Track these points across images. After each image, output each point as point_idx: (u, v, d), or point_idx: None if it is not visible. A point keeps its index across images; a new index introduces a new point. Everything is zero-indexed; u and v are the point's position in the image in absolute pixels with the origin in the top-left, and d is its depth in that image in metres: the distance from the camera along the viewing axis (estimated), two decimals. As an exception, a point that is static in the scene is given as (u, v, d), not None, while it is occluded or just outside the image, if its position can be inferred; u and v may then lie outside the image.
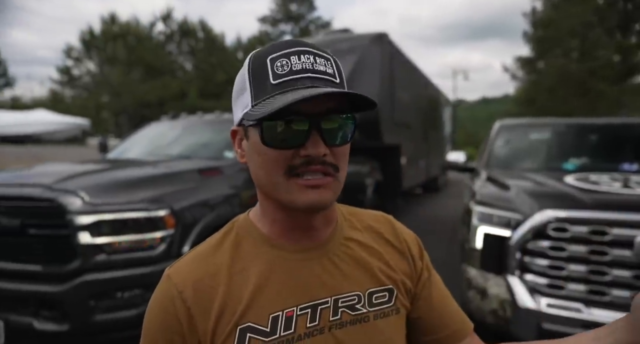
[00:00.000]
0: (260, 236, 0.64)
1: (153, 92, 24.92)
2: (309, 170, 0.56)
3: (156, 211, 2.32)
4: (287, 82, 0.55)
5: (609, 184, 2.42)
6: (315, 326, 0.60)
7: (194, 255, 0.64)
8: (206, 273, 0.61)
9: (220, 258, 0.62)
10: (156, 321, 0.59)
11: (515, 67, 26.83)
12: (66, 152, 10.93)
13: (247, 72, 0.59)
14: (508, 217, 2.27)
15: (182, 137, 3.76)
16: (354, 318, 0.62)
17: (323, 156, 0.56)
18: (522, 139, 3.73)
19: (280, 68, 0.56)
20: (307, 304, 0.60)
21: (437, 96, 11.81)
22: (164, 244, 2.31)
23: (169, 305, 0.59)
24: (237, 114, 0.62)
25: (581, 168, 3.13)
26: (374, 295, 0.65)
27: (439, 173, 11.60)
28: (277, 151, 0.56)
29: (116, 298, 2.26)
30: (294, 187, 0.57)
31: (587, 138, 3.55)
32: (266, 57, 0.57)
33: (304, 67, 0.56)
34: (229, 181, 2.96)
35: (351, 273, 0.64)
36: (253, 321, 0.58)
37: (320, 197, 0.56)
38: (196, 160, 3.21)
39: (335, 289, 0.62)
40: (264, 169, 0.58)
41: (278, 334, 0.58)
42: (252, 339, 0.57)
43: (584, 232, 2.06)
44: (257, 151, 0.59)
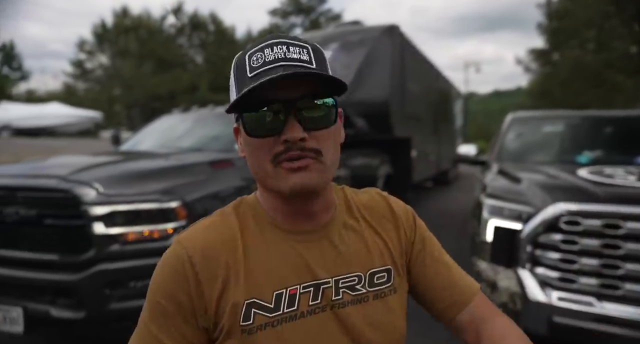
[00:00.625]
0: (267, 216, 0.67)
1: (164, 85, 25.11)
2: (289, 156, 0.58)
3: (168, 203, 2.35)
4: (260, 73, 0.57)
5: (623, 178, 2.38)
6: (318, 304, 0.62)
7: (203, 225, 0.67)
8: (215, 243, 0.63)
9: (229, 230, 0.65)
10: (166, 281, 0.61)
11: (529, 60, 26.38)
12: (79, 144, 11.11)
13: (232, 71, 0.63)
14: (519, 211, 2.26)
15: (193, 129, 3.79)
16: (354, 298, 0.64)
17: (301, 140, 0.57)
18: (535, 131, 3.68)
19: (255, 61, 0.59)
20: (310, 283, 0.62)
21: (448, 89, 11.68)
22: (175, 235, 2.35)
23: (179, 267, 0.61)
24: (231, 109, 0.64)
25: (595, 161, 3.09)
26: (375, 275, 0.67)
27: (449, 166, 11.52)
28: (260, 140, 0.59)
29: (130, 287, 2.30)
30: (280, 173, 0.59)
31: (602, 131, 3.49)
32: (246, 54, 0.61)
33: (276, 57, 0.58)
34: (240, 173, 2.98)
35: (351, 254, 0.67)
36: (258, 297, 0.60)
37: (303, 180, 0.58)
38: (207, 152, 3.24)
39: (336, 270, 0.65)
40: (254, 159, 0.61)
41: (281, 310, 0.60)
42: (256, 315, 0.59)
43: (597, 226, 2.04)
44: (246, 143, 0.62)
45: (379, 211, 0.74)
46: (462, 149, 3.91)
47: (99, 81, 27.60)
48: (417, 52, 7.78)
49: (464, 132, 16.08)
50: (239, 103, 0.58)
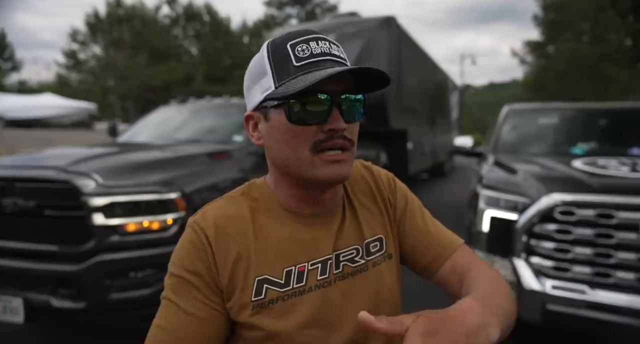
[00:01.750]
0: (276, 199, 0.70)
1: (159, 76, 24.87)
2: (333, 144, 0.61)
3: (167, 194, 2.36)
4: (309, 64, 0.60)
5: (617, 168, 2.42)
6: (325, 278, 0.66)
7: (214, 207, 0.70)
8: (226, 222, 0.66)
9: (240, 211, 0.68)
10: (186, 255, 0.64)
11: (525, 52, 26.39)
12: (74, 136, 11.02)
13: (266, 57, 0.63)
14: (515, 201, 2.29)
15: (191, 121, 3.78)
16: (354, 269, 0.69)
17: (343, 130, 0.61)
18: (530, 123, 3.71)
19: (302, 52, 0.61)
20: (317, 260, 0.67)
21: (444, 81, 11.68)
22: (175, 226, 2.36)
23: (196, 242, 0.64)
24: (254, 98, 0.66)
25: (589, 153, 3.12)
26: (370, 245, 0.72)
27: (445, 158, 11.57)
28: (303, 128, 0.61)
29: (130, 277, 2.32)
30: (318, 162, 0.62)
31: (596, 123, 3.52)
32: (286, 44, 0.62)
33: (323, 51, 0.61)
34: (238, 164, 3.00)
35: (348, 229, 0.71)
36: (269, 274, 0.64)
37: (341, 171, 0.62)
38: (205, 144, 3.24)
39: (337, 245, 0.69)
40: (290, 147, 0.63)
41: (291, 286, 0.64)
42: (268, 290, 0.63)
43: (591, 216, 2.08)
44: (281, 130, 0.63)
45: (365, 182, 0.78)
46: (458, 141, 3.94)
47: (92, 72, 27.29)
48: (414, 43, 7.76)
49: (460, 125, 16.12)
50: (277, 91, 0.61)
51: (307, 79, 0.58)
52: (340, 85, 0.61)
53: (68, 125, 14.32)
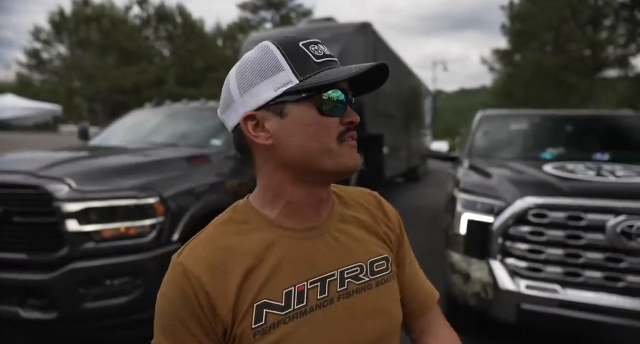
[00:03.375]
0: (265, 219, 0.67)
1: (129, 78, 24.21)
2: (352, 135, 0.66)
3: (145, 199, 2.30)
4: (326, 62, 0.64)
5: (584, 173, 2.54)
6: (325, 297, 0.64)
7: (201, 240, 0.65)
8: (218, 257, 0.62)
9: (228, 241, 0.64)
10: (177, 306, 0.60)
11: (493, 60, 27.35)
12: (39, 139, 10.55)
13: (279, 54, 0.63)
14: (491, 204, 2.37)
15: (167, 124, 3.70)
16: (359, 287, 0.67)
17: (357, 123, 0.67)
18: (503, 129, 3.85)
19: (316, 51, 0.64)
20: (316, 278, 0.64)
21: (418, 86, 11.94)
22: (154, 232, 2.31)
23: (187, 290, 0.60)
24: (263, 95, 0.63)
25: (558, 157, 3.27)
26: (374, 264, 0.70)
27: (419, 163, 11.80)
28: (331, 119, 0.63)
29: (106, 285, 2.25)
30: (345, 150, 0.65)
31: (563, 129, 3.70)
32: (297, 43, 0.64)
33: (327, 53, 0.66)
34: (217, 168, 2.96)
35: (351, 245, 0.69)
36: (268, 298, 0.61)
37: (359, 158, 0.67)
38: (182, 148, 3.18)
39: (340, 262, 0.67)
40: (317, 138, 0.62)
41: (292, 307, 0.61)
42: (268, 314, 0.60)
43: (562, 218, 2.18)
44: (307, 123, 0.62)
45: (370, 205, 0.78)
46: (434, 145, 4.03)
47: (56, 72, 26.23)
48: (389, 49, 7.90)
49: (433, 130, 16.50)
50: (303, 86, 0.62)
51: (337, 72, 0.61)
52: (346, 84, 0.66)
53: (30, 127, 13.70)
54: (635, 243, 2.07)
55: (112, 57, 25.49)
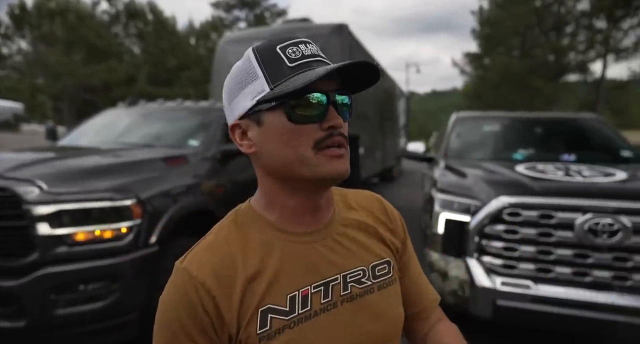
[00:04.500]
0: (267, 222, 0.66)
1: (97, 75, 23.39)
2: (333, 141, 0.61)
3: (122, 201, 2.24)
4: (303, 64, 0.60)
5: (553, 173, 2.66)
6: (329, 301, 0.64)
7: (204, 246, 0.65)
8: (222, 263, 0.62)
9: (231, 247, 0.64)
10: (183, 314, 0.59)
11: (464, 63, 28.13)
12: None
13: (255, 61, 0.62)
14: (468, 204, 2.44)
15: (142, 124, 3.61)
16: (362, 291, 0.67)
17: (341, 127, 0.62)
18: (476, 130, 3.97)
19: (293, 54, 0.61)
20: (319, 282, 0.64)
21: (392, 88, 12.12)
22: (131, 235, 2.25)
23: (193, 298, 0.59)
24: (242, 104, 0.63)
25: (528, 158, 3.40)
26: (376, 268, 0.70)
27: (394, 163, 11.98)
28: (304, 126, 0.60)
29: (79, 291, 2.17)
30: (322, 160, 0.61)
31: (532, 131, 3.85)
32: (274, 47, 0.62)
33: (312, 52, 0.62)
34: (194, 169, 2.91)
35: (354, 249, 0.69)
36: (272, 303, 0.61)
37: (345, 166, 0.62)
38: (159, 148, 3.11)
39: (342, 266, 0.67)
40: (291, 147, 0.61)
41: (297, 312, 0.61)
42: (273, 319, 0.60)
43: (534, 217, 2.27)
44: (280, 131, 0.61)
45: (373, 209, 0.78)
46: (410, 146, 4.10)
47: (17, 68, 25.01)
48: (365, 51, 7.99)
49: (407, 131, 16.78)
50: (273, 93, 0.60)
51: (307, 76, 0.58)
52: (332, 85, 0.62)
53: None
54: (601, 240, 2.19)
55: (79, 54, 24.56)
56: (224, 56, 6.56)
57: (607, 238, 2.17)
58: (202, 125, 3.43)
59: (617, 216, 2.19)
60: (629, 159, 3.39)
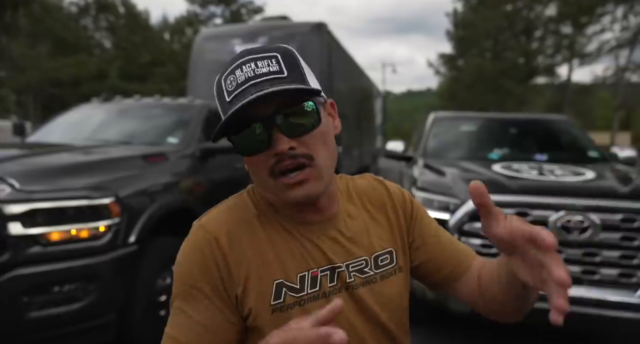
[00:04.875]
0: (278, 207, 0.69)
1: (65, 69, 22.48)
2: (283, 167, 0.60)
3: (100, 199, 2.17)
4: (235, 97, 0.59)
5: (528, 172, 2.76)
6: (335, 285, 0.67)
7: (222, 208, 0.69)
8: (238, 224, 0.65)
9: (249, 213, 0.67)
10: (195, 267, 0.62)
11: (439, 63, 28.69)
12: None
13: (215, 98, 0.65)
14: (447, 202, 2.50)
15: (118, 121, 3.50)
16: (364, 280, 0.69)
17: (290, 149, 0.59)
18: (454, 130, 4.06)
19: (230, 85, 0.61)
20: (326, 267, 0.67)
21: (369, 87, 12.23)
22: (109, 234, 2.19)
23: (207, 251, 0.62)
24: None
25: (503, 158, 3.51)
26: (379, 258, 0.72)
27: (370, 162, 12.10)
28: (255, 157, 0.62)
29: (54, 292, 2.09)
30: (281, 187, 0.62)
31: (507, 131, 3.98)
32: (220, 79, 0.63)
33: (247, 76, 0.60)
34: (175, 167, 2.86)
35: (357, 240, 0.71)
36: (285, 279, 0.63)
37: (307, 192, 0.62)
38: (137, 146, 3.03)
39: (346, 255, 0.69)
40: (255, 174, 0.65)
41: (306, 291, 0.64)
42: (287, 294, 0.63)
43: (511, 214, 2.34)
44: (245, 161, 0.65)
45: (377, 195, 0.78)
46: (390, 145, 4.16)
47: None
48: (343, 50, 8.03)
49: (383, 130, 16.97)
50: (225, 129, 0.61)
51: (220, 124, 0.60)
52: (275, 104, 0.59)
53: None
54: (573, 236, 2.29)
55: (45, 47, 23.55)
56: (201, 53, 6.45)
57: (579, 235, 2.27)
58: (181, 122, 3.36)
59: (587, 213, 2.30)
60: (595, 159, 3.55)
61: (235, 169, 3.58)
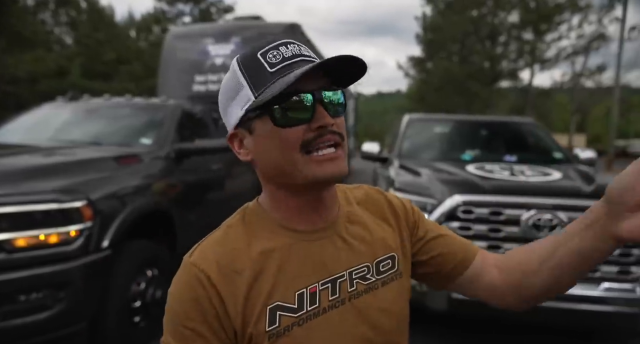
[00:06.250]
0: (274, 220, 0.67)
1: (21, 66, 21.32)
2: (325, 140, 0.61)
3: (70, 202, 2.08)
4: (283, 67, 0.60)
5: (500, 173, 2.86)
6: (337, 298, 0.65)
7: (211, 241, 0.65)
8: (229, 258, 0.62)
9: (238, 243, 0.64)
10: (188, 308, 0.60)
11: (408, 66, 29.29)
12: None
13: (238, 71, 0.63)
14: (424, 202, 2.55)
15: (87, 121, 3.36)
16: (367, 287, 0.68)
17: (331, 125, 0.61)
18: (428, 132, 4.16)
19: (273, 58, 0.61)
20: (327, 279, 0.65)
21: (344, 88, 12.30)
22: (81, 239, 2.09)
23: (199, 290, 0.60)
24: (235, 115, 0.64)
25: (475, 159, 3.62)
26: (380, 264, 0.71)
27: (343, 163, 12.14)
28: (291, 129, 0.60)
29: (20, 301, 1.98)
30: (311, 163, 0.61)
31: (478, 133, 4.11)
32: (255, 54, 0.62)
33: (294, 53, 0.62)
34: (149, 169, 2.77)
35: (358, 246, 0.70)
36: (281, 300, 0.61)
37: (338, 169, 0.62)
38: (108, 147, 2.92)
39: (348, 263, 0.68)
40: (280, 151, 0.61)
41: (305, 309, 0.62)
42: (282, 317, 0.60)
43: (485, 214, 2.42)
44: (269, 137, 0.62)
45: (375, 202, 0.78)
46: (366, 146, 4.20)
47: None
48: (317, 51, 8.05)
49: (356, 131, 17.11)
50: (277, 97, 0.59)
51: (285, 80, 0.58)
52: (317, 83, 0.62)
53: None
54: (542, 233, 2.39)
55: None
56: (172, 51, 6.29)
57: (548, 232, 2.38)
58: (154, 122, 3.27)
59: (555, 211, 2.41)
60: (560, 159, 3.73)
61: (211, 170, 3.52)
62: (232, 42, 6.03)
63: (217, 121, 4.03)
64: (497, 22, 25.20)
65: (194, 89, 5.63)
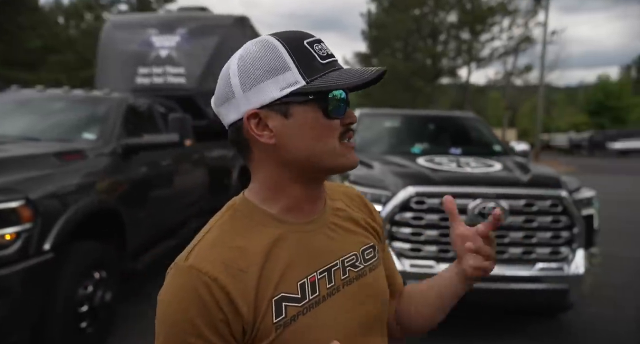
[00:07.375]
0: (268, 215, 0.67)
1: None
2: (350, 135, 0.68)
3: (6, 203, 1.91)
4: (330, 63, 0.65)
5: (448, 165, 3.02)
6: (332, 286, 0.68)
7: (207, 242, 0.64)
8: (232, 257, 0.61)
9: (237, 240, 0.64)
10: (195, 317, 0.57)
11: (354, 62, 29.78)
12: None
13: (285, 53, 0.62)
14: (379, 194, 2.64)
15: (19, 114, 3.07)
16: (357, 274, 0.72)
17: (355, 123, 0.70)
18: (378, 126, 4.28)
19: (320, 51, 0.65)
20: (323, 268, 0.68)
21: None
22: (19, 242, 1.93)
23: (205, 295, 0.57)
24: (269, 94, 0.63)
25: (424, 152, 3.79)
26: (365, 252, 0.76)
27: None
28: (333, 121, 0.64)
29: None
30: (346, 150, 0.67)
31: (426, 127, 4.30)
32: (302, 42, 0.64)
33: (329, 53, 0.67)
34: (94, 165, 2.60)
35: (346, 236, 0.74)
36: (285, 291, 0.62)
37: (356, 159, 0.70)
38: (47, 142, 2.69)
39: (339, 251, 0.71)
40: (321, 140, 0.64)
41: (307, 298, 0.64)
42: (288, 307, 0.62)
43: (436, 204, 2.56)
44: (312, 125, 0.63)
45: (355, 199, 0.84)
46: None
47: None
48: (266, 45, 7.95)
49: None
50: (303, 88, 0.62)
51: (350, 73, 0.64)
52: None
53: None
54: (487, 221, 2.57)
55: None
56: (111, 42, 5.89)
57: (492, 219, 2.56)
58: (97, 116, 3.06)
59: (498, 200, 2.59)
60: (499, 152, 4.01)
61: (160, 166, 3.37)
62: (178, 33, 5.77)
63: (165, 116, 3.87)
64: (438, 22, 26.36)
65: (137, 82, 5.32)
